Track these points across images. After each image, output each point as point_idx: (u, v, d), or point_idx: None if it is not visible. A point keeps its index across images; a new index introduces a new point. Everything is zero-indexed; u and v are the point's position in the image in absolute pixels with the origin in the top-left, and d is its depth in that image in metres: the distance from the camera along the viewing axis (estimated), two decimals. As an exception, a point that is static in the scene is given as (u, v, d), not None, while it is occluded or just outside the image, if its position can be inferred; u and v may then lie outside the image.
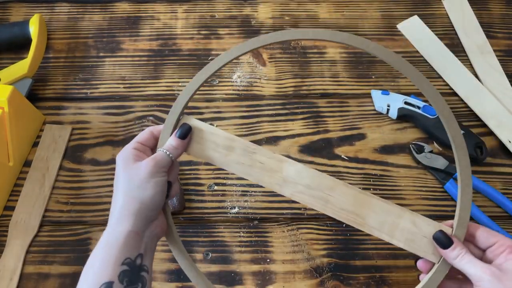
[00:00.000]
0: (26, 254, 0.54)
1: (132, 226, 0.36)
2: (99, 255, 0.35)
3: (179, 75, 0.69)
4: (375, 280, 0.52)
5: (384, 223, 0.41)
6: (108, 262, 0.35)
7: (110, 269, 0.34)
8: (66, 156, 0.61)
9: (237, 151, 0.42)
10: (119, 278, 0.34)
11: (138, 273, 0.36)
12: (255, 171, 0.42)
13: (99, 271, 0.34)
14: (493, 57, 0.69)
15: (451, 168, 0.59)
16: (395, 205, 0.41)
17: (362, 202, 0.41)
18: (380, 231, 0.41)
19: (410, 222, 0.40)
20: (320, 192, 0.41)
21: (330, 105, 0.66)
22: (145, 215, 0.37)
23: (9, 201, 0.58)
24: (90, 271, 0.35)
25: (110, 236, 0.36)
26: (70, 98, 0.66)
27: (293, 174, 0.42)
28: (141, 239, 0.37)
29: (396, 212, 0.41)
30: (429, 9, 0.76)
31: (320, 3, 0.77)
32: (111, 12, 0.76)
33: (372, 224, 0.41)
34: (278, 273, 0.53)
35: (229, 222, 0.57)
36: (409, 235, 0.40)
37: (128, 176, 0.38)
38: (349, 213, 0.41)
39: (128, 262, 0.35)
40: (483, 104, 0.64)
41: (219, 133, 0.42)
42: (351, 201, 0.41)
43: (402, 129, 0.64)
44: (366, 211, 0.41)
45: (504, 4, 0.76)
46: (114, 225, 0.37)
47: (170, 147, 0.40)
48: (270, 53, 0.71)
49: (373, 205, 0.41)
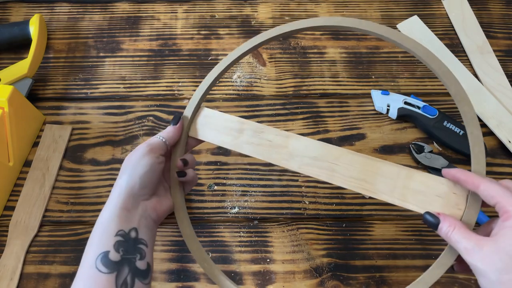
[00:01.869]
0: (26, 254, 0.54)
1: (121, 203, 0.39)
2: (96, 230, 0.38)
3: (179, 75, 0.69)
4: (375, 280, 0.52)
5: (395, 187, 0.39)
6: (103, 235, 0.38)
7: (106, 240, 0.37)
8: (66, 156, 0.61)
9: (247, 132, 0.45)
10: (114, 247, 0.37)
11: (134, 244, 0.38)
12: (263, 149, 0.44)
13: (97, 243, 0.37)
14: (493, 57, 0.69)
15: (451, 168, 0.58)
16: (404, 167, 0.39)
17: (370, 168, 0.40)
18: (391, 196, 0.39)
19: (421, 182, 0.39)
20: (326, 163, 0.42)
21: (330, 105, 0.66)
22: (133, 192, 0.40)
23: (9, 201, 0.58)
24: (89, 245, 0.38)
25: (104, 212, 0.39)
26: (70, 98, 0.66)
27: (299, 148, 0.43)
28: (132, 215, 0.39)
29: (405, 173, 0.39)
30: (429, 9, 0.76)
31: (320, 3, 0.77)
32: (111, 12, 0.76)
33: (382, 189, 0.39)
34: (278, 273, 0.53)
35: (229, 222, 0.57)
36: (422, 197, 0.38)
37: (127, 160, 0.42)
38: (357, 180, 0.40)
39: (122, 233, 0.38)
40: (483, 104, 0.64)
41: (231, 118, 0.46)
42: (358, 167, 0.41)
43: (402, 129, 0.64)
44: (375, 176, 0.40)
45: (504, 4, 0.76)
46: (107, 204, 0.40)
47: (163, 133, 0.45)
48: (270, 53, 0.71)
49: (381, 169, 0.40)
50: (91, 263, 0.36)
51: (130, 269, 0.37)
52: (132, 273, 0.37)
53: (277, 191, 0.59)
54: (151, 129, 0.63)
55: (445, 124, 0.61)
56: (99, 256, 0.36)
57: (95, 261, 0.36)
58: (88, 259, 0.37)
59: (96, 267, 0.36)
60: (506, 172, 0.60)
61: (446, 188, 0.38)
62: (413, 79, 0.68)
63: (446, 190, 0.38)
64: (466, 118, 0.39)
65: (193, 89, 0.67)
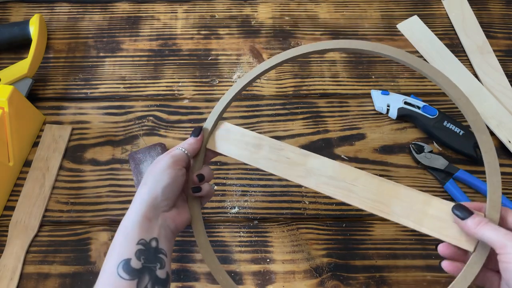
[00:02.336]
0: (26, 254, 0.54)
1: (143, 212, 0.39)
2: (118, 238, 0.39)
3: (179, 75, 0.69)
4: (375, 280, 0.52)
5: (411, 211, 0.39)
6: (125, 242, 0.38)
7: (128, 248, 0.38)
8: (66, 156, 0.61)
9: (265, 149, 0.45)
10: (135, 255, 0.37)
11: (155, 254, 0.39)
12: (281, 165, 0.44)
13: (119, 251, 0.38)
14: (493, 57, 0.69)
15: (451, 168, 0.59)
16: (421, 192, 0.40)
17: (386, 191, 0.40)
18: (407, 219, 0.39)
19: (438, 209, 0.38)
20: (344, 183, 0.42)
21: (330, 105, 0.66)
22: (156, 204, 0.40)
23: (9, 201, 0.58)
24: (111, 252, 0.38)
25: (125, 221, 0.40)
26: (70, 98, 0.66)
27: (317, 166, 0.43)
28: (152, 225, 0.40)
29: (422, 199, 0.39)
30: (429, 9, 0.76)
31: (320, 3, 0.77)
32: (111, 12, 0.76)
33: (398, 212, 0.39)
34: (278, 273, 0.53)
35: (229, 222, 0.57)
36: (438, 223, 0.38)
37: (149, 170, 0.43)
38: (374, 202, 0.40)
39: (143, 242, 0.38)
40: (483, 104, 0.64)
41: (249, 134, 0.47)
42: (375, 189, 0.41)
43: (402, 129, 0.64)
44: (392, 199, 0.40)
45: (504, 4, 0.76)
46: (129, 213, 0.40)
47: (184, 144, 0.46)
48: (270, 53, 0.71)
49: (398, 193, 0.40)
50: (113, 270, 0.36)
51: (151, 278, 0.37)
52: (153, 281, 0.37)
53: (277, 191, 0.59)
54: (151, 129, 0.63)
55: (445, 124, 0.61)
56: (120, 263, 0.37)
57: (116, 267, 0.36)
58: (109, 266, 0.37)
59: (117, 273, 0.36)
60: (506, 172, 0.60)
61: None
62: (413, 79, 0.68)
63: None
64: (485, 148, 0.39)
65: (193, 89, 0.67)
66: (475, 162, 0.60)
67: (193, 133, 0.47)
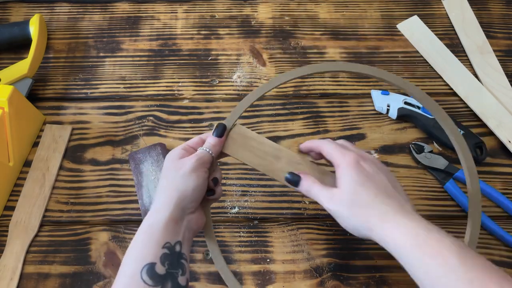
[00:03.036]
0: (26, 254, 0.54)
1: (171, 214, 0.39)
2: (141, 238, 0.38)
3: (179, 75, 0.69)
4: (375, 280, 0.52)
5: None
6: (150, 244, 0.37)
7: (152, 251, 0.36)
8: (66, 156, 0.61)
9: (283, 161, 0.46)
10: (160, 260, 0.36)
11: (178, 259, 0.38)
12: None
13: (142, 252, 0.36)
14: (493, 57, 0.69)
15: (451, 168, 0.59)
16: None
17: None
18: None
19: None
20: None
21: (330, 105, 0.66)
22: (183, 205, 0.40)
23: (9, 201, 0.58)
24: (133, 252, 0.37)
25: (151, 220, 0.39)
26: (70, 98, 0.66)
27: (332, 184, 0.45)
28: (179, 227, 0.39)
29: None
30: (429, 9, 0.76)
31: (320, 3, 0.77)
32: (111, 12, 0.76)
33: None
34: (278, 273, 0.53)
35: (229, 222, 0.57)
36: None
37: (174, 169, 0.41)
38: None
39: (168, 246, 0.37)
40: (483, 104, 0.64)
41: (268, 143, 0.47)
42: None
43: (402, 129, 0.64)
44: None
45: (504, 4, 0.76)
46: (155, 212, 0.39)
47: (209, 145, 0.44)
48: (270, 53, 0.71)
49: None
50: (135, 273, 0.35)
51: (173, 285, 0.36)
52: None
53: (277, 191, 0.59)
54: (151, 129, 0.63)
55: (445, 124, 0.61)
56: (144, 267, 0.35)
57: (140, 272, 0.35)
58: (132, 268, 0.36)
59: (141, 278, 0.35)
60: (506, 172, 0.60)
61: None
62: (413, 79, 0.68)
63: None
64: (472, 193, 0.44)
65: (193, 89, 0.67)
66: (475, 162, 0.60)
67: (215, 132, 0.45)
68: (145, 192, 0.56)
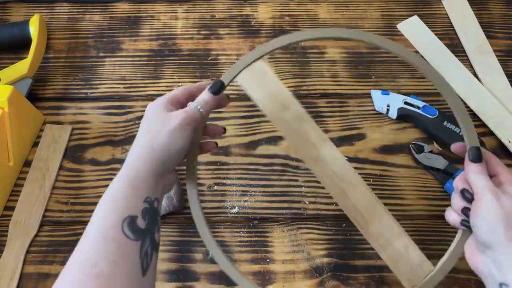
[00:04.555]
0: (26, 254, 0.54)
1: (154, 170, 0.37)
2: (123, 190, 0.35)
3: (179, 75, 0.69)
4: (375, 280, 0.52)
5: (382, 235, 0.43)
6: (132, 197, 0.35)
7: (134, 204, 0.34)
8: (66, 156, 0.61)
9: (290, 113, 0.45)
10: (142, 214, 0.34)
11: (155, 215, 0.36)
12: (297, 138, 0.45)
13: (123, 204, 0.34)
14: (493, 57, 0.69)
15: (451, 168, 0.59)
16: (399, 226, 0.43)
17: (373, 209, 0.43)
18: (375, 240, 0.43)
19: (403, 246, 0.43)
20: (343, 184, 0.44)
21: (330, 105, 0.66)
22: (165, 162, 0.38)
23: (9, 201, 0.58)
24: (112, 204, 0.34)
25: (133, 173, 0.36)
26: (70, 98, 0.66)
27: (329, 156, 0.44)
28: (157, 184, 0.37)
29: (397, 231, 0.43)
30: (429, 9, 0.76)
31: (320, 3, 0.77)
32: (111, 12, 0.76)
33: (371, 232, 0.43)
34: (278, 273, 0.53)
35: (229, 222, 0.57)
36: (396, 255, 0.42)
37: (159, 123, 0.38)
38: (358, 213, 0.43)
39: (149, 201, 0.35)
40: (483, 104, 0.64)
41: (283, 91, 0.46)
42: (365, 203, 0.43)
43: (402, 129, 0.64)
44: (373, 218, 0.43)
45: (504, 4, 0.76)
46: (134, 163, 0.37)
47: (202, 101, 0.40)
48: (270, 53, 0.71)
49: (381, 216, 0.43)
50: (117, 225, 0.33)
51: (151, 241, 0.34)
52: (151, 245, 0.34)
53: (277, 191, 0.59)
54: (151, 129, 0.63)
55: (445, 124, 0.61)
56: (126, 219, 0.33)
57: (121, 223, 0.33)
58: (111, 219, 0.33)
59: (122, 230, 0.33)
60: (506, 172, 0.60)
61: (417, 259, 0.42)
62: (413, 79, 0.68)
63: (417, 262, 0.42)
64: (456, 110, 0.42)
65: (193, 89, 0.67)
66: (475, 162, 0.60)
67: (212, 89, 0.41)
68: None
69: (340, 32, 0.44)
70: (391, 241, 0.42)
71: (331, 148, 0.45)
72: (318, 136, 0.45)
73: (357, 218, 0.43)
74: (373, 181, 0.59)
